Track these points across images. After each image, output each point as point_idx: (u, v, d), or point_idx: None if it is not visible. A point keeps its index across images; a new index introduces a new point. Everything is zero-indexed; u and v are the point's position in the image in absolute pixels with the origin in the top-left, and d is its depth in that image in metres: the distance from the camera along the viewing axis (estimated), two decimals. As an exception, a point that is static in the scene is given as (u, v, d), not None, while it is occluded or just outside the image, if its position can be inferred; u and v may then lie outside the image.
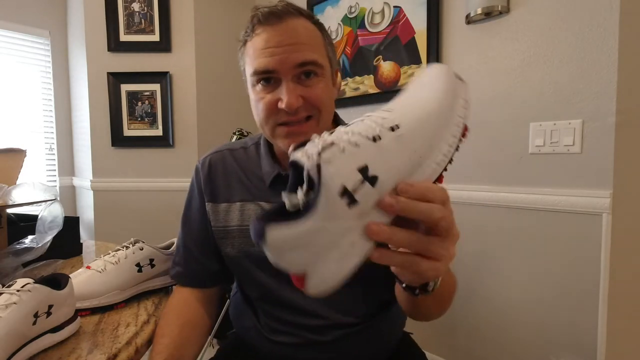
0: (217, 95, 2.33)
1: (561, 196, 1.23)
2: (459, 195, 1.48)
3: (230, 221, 0.71)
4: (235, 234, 0.71)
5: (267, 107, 0.61)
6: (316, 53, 0.61)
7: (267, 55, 0.59)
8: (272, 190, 0.70)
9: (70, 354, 0.52)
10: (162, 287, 0.79)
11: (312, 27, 0.63)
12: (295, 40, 0.59)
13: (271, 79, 0.61)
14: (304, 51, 0.60)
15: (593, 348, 1.19)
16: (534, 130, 1.29)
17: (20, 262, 0.79)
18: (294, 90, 0.59)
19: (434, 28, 1.52)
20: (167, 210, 2.27)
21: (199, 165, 0.76)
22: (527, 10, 1.29)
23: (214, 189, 0.73)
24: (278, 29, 0.59)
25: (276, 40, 0.59)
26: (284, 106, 0.59)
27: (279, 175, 0.69)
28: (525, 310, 1.34)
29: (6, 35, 2.29)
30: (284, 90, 0.59)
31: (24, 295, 0.51)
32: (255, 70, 0.61)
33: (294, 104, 0.59)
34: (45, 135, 2.49)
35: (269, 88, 0.61)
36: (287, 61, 0.59)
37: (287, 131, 0.62)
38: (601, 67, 1.14)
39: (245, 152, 0.76)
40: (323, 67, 0.62)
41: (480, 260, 1.45)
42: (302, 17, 0.62)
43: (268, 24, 0.60)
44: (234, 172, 0.74)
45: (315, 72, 0.61)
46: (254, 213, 0.70)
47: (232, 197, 0.72)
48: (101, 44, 2.19)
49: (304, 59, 0.59)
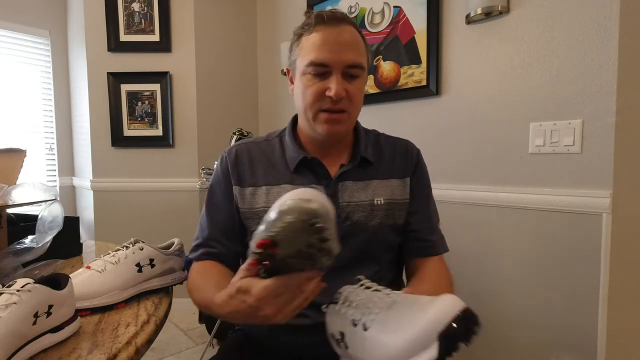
0: (217, 95, 2.33)
1: (561, 196, 1.23)
2: (459, 195, 1.48)
3: (257, 203, 0.77)
4: (262, 215, 0.74)
5: (315, 93, 0.72)
6: (362, 57, 0.74)
7: (325, 50, 0.70)
8: (296, 174, 0.78)
9: (70, 354, 0.52)
10: (162, 287, 0.79)
11: (359, 36, 0.75)
12: (350, 42, 0.72)
13: (323, 72, 0.71)
14: (356, 53, 0.72)
15: (593, 348, 1.19)
16: (534, 130, 1.29)
17: (20, 262, 0.79)
18: (342, 83, 0.71)
19: (434, 28, 1.52)
20: (167, 210, 2.27)
21: (225, 154, 0.83)
22: (527, 10, 1.29)
23: (241, 174, 0.80)
24: (337, 30, 0.71)
25: (334, 38, 0.71)
26: (332, 94, 0.70)
27: (304, 159, 0.77)
28: (525, 310, 1.34)
29: (6, 35, 2.29)
30: (334, 81, 0.70)
31: (24, 295, 0.51)
32: (312, 61, 0.71)
33: (341, 93, 0.70)
34: (45, 135, 2.49)
35: (318, 78, 0.72)
36: (341, 59, 0.71)
37: (327, 118, 0.73)
38: (601, 67, 1.14)
39: (269, 144, 0.84)
40: (364, 70, 0.75)
41: (480, 260, 1.45)
42: (352, 26, 0.74)
43: (329, 24, 0.71)
44: (258, 160, 0.81)
45: (359, 74, 0.73)
46: (279, 195, 0.74)
47: (257, 182, 0.79)
48: (101, 44, 2.19)
49: (354, 61, 0.72)
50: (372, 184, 0.79)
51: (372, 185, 0.78)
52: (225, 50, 2.35)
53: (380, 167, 0.81)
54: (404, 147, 0.85)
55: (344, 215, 0.75)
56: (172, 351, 1.88)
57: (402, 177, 0.82)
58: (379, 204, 0.77)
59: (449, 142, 1.52)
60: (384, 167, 0.81)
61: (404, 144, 0.86)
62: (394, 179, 0.81)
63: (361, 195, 0.77)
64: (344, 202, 0.76)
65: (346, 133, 0.80)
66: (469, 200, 1.46)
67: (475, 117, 1.44)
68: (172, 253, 0.81)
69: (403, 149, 0.84)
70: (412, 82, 1.61)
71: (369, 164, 0.80)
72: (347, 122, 0.75)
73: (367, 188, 0.78)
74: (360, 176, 0.78)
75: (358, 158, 0.79)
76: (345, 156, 0.81)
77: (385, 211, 0.77)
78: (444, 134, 1.54)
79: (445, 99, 1.53)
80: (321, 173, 0.77)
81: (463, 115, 1.48)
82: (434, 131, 1.57)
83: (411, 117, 1.65)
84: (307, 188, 0.55)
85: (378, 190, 0.78)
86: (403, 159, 0.83)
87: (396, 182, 0.81)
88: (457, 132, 1.50)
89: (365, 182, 0.78)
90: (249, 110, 2.48)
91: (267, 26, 2.42)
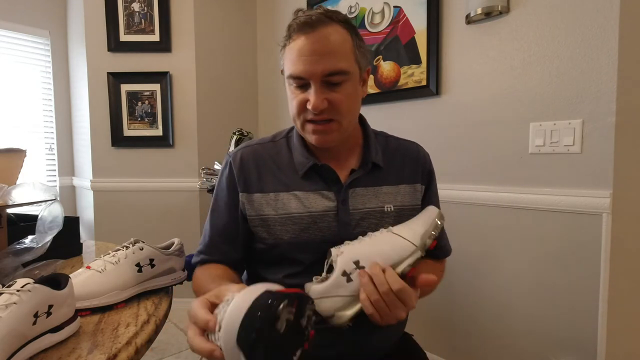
0: (217, 95, 2.33)
1: (561, 196, 1.23)
2: (459, 195, 1.48)
3: (264, 210, 0.75)
4: (271, 222, 0.74)
5: (298, 105, 0.71)
6: (343, 61, 0.68)
7: (300, 63, 0.67)
8: (305, 180, 0.75)
9: (70, 354, 0.52)
10: (162, 287, 0.79)
11: (343, 32, 0.69)
12: (326, 49, 0.67)
13: (302, 84, 0.69)
14: (333, 60, 0.67)
15: (593, 348, 1.19)
16: (534, 130, 1.29)
17: (20, 262, 0.79)
18: (321, 94, 0.68)
19: (434, 28, 1.52)
20: (167, 210, 2.27)
21: (229, 159, 0.80)
22: (527, 10, 1.29)
23: (247, 180, 0.77)
24: (311, 38, 0.67)
25: (308, 49, 0.67)
26: (310, 107, 0.68)
27: (314, 165, 0.75)
28: (525, 310, 1.34)
29: (6, 35, 2.29)
30: (312, 93, 0.68)
31: (24, 295, 0.51)
32: (290, 75, 0.70)
33: (319, 106, 0.68)
34: (45, 135, 2.49)
35: (301, 89, 0.70)
36: (316, 70, 0.67)
37: (313, 128, 0.71)
38: (601, 67, 1.14)
39: (275, 145, 0.81)
40: (349, 73, 0.69)
41: (480, 260, 1.45)
42: (334, 23, 0.68)
43: (303, 32, 0.67)
44: (265, 164, 0.78)
45: (341, 80, 0.69)
46: (288, 202, 0.74)
47: (265, 188, 0.76)
48: (101, 44, 2.19)
49: (331, 69, 0.67)
50: (382, 190, 0.77)
51: (382, 192, 0.77)
52: (225, 50, 2.35)
53: (391, 173, 0.79)
54: (415, 151, 0.84)
55: (354, 223, 0.74)
56: (172, 351, 1.88)
57: (412, 183, 0.80)
58: (389, 211, 0.76)
59: (448, 142, 1.52)
60: (394, 173, 0.80)
61: (415, 149, 0.84)
62: (404, 184, 0.80)
63: (372, 202, 0.76)
64: (354, 209, 0.74)
65: (341, 140, 0.76)
66: (469, 200, 1.46)
67: (475, 117, 1.44)
68: (172, 253, 0.81)
69: (413, 154, 0.83)
70: (412, 82, 1.61)
71: (379, 168, 0.78)
72: (339, 130, 0.72)
73: (377, 194, 0.77)
74: (371, 182, 0.77)
75: (369, 164, 0.77)
76: (354, 160, 0.79)
77: (395, 218, 0.76)
78: (444, 134, 1.54)
79: (445, 99, 1.53)
80: (331, 179, 0.75)
81: (463, 115, 1.48)
82: (434, 131, 1.57)
83: (411, 117, 1.65)
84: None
85: (388, 197, 0.77)
86: (414, 164, 0.82)
87: (406, 187, 0.80)
88: (457, 132, 1.50)
89: (376, 188, 0.77)
90: (249, 110, 2.47)
91: (267, 26, 2.42)
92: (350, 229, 0.73)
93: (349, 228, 0.73)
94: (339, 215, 0.73)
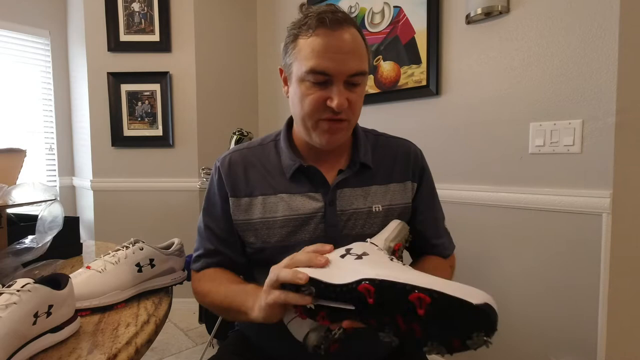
0: (217, 95, 2.33)
1: (561, 196, 1.23)
2: (459, 195, 1.48)
3: (253, 214, 0.75)
4: (258, 226, 0.74)
5: (315, 102, 0.67)
6: (364, 63, 0.69)
7: (326, 59, 0.65)
8: (292, 182, 0.75)
9: (70, 354, 0.52)
10: (162, 287, 0.79)
11: (360, 38, 0.69)
12: (352, 49, 0.66)
13: (324, 80, 0.66)
14: (357, 61, 0.67)
15: (593, 348, 1.19)
16: (534, 130, 1.29)
17: (20, 262, 0.79)
18: (344, 94, 0.67)
19: (434, 28, 1.52)
20: (167, 210, 2.27)
21: (218, 163, 0.79)
22: (527, 10, 1.29)
23: (235, 184, 0.76)
24: (339, 36, 0.65)
25: (336, 46, 0.65)
26: (334, 105, 0.66)
27: (300, 167, 0.74)
28: (525, 310, 1.34)
29: (6, 35, 2.29)
30: (336, 92, 0.66)
31: (24, 295, 0.51)
32: (312, 69, 0.66)
33: (343, 104, 0.66)
34: (45, 135, 2.49)
35: (318, 87, 0.67)
36: (343, 69, 0.66)
37: (329, 127, 0.69)
38: (601, 67, 1.14)
39: (263, 149, 0.80)
40: (366, 75, 0.70)
41: (480, 260, 1.45)
42: (354, 27, 0.68)
43: (331, 28, 0.65)
44: (253, 168, 0.77)
45: (360, 81, 0.69)
46: (275, 205, 0.74)
47: (253, 192, 0.75)
48: (101, 44, 2.19)
49: (357, 70, 0.67)
50: (370, 190, 0.76)
51: (370, 192, 0.76)
52: (225, 50, 2.35)
53: (380, 172, 0.78)
54: (406, 149, 0.82)
55: (342, 224, 0.73)
56: (172, 351, 1.88)
57: (403, 181, 0.79)
58: (377, 211, 0.75)
59: (448, 142, 1.52)
60: (384, 172, 0.78)
61: (406, 146, 0.83)
62: (394, 183, 0.78)
63: (360, 202, 0.75)
64: (341, 210, 0.73)
65: (345, 140, 0.76)
66: (469, 200, 1.46)
67: (475, 117, 1.44)
68: (172, 253, 0.81)
69: (404, 152, 0.82)
70: (412, 82, 1.61)
71: (368, 168, 0.77)
72: (347, 130, 0.72)
73: (365, 195, 0.76)
74: (359, 182, 0.76)
75: (357, 165, 0.76)
76: (342, 161, 0.78)
77: (383, 218, 0.75)
78: (443, 134, 1.54)
79: (445, 99, 1.53)
80: (318, 181, 0.74)
81: (463, 115, 1.48)
82: (434, 131, 1.57)
83: (411, 117, 1.65)
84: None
85: (377, 197, 0.76)
86: (404, 163, 0.80)
87: (396, 186, 0.78)
88: (457, 132, 1.50)
89: (364, 188, 0.76)
90: (249, 110, 2.47)
91: (267, 26, 2.42)
92: (337, 230, 0.73)
93: (336, 229, 0.73)
94: (326, 217, 0.73)
